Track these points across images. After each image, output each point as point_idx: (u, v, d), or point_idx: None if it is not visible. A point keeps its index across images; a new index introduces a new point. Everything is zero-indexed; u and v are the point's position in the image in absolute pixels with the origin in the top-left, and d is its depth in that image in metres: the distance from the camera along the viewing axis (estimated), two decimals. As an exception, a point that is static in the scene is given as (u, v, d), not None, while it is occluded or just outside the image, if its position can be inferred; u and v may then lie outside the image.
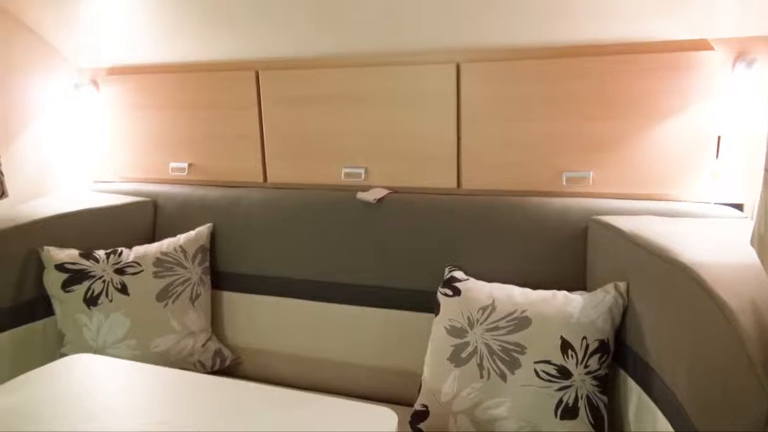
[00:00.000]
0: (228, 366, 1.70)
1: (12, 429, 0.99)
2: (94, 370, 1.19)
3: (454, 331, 1.31)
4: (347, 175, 1.70)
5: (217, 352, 1.67)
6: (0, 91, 1.73)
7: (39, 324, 1.60)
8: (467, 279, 1.41)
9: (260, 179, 1.81)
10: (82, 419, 1.01)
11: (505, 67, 1.51)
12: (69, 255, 1.58)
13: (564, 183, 1.51)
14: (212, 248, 1.75)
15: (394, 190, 1.65)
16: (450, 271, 1.46)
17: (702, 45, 1.35)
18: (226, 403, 1.05)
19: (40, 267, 1.59)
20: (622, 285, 1.21)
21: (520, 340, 1.22)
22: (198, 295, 1.66)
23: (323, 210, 1.65)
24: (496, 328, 1.26)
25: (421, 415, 1.29)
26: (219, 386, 1.12)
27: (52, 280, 1.55)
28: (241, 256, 1.73)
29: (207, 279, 1.71)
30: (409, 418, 1.30)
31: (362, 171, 1.69)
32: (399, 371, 1.57)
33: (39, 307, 1.60)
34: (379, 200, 1.60)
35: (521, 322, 1.24)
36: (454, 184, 1.61)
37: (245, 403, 1.05)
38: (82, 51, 1.89)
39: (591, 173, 1.48)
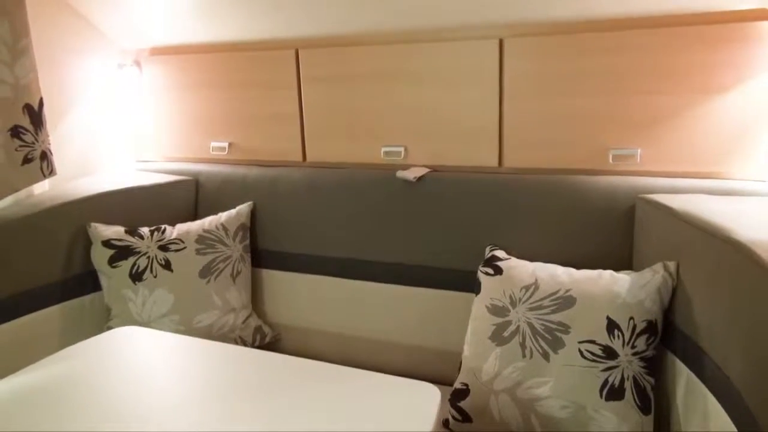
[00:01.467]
0: (267, 343, 1.73)
1: (64, 395, 1.02)
2: (141, 343, 1.22)
3: (496, 310, 1.30)
4: (387, 153, 1.69)
5: (257, 329, 1.69)
6: (48, 72, 1.77)
7: (87, 298, 1.65)
8: (509, 258, 1.39)
9: (299, 158, 1.82)
10: (129, 388, 1.04)
11: (550, 42, 1.47)
12: (115, 231, 1.61)
13: (610, 160, 1.46)
14: (252, 226, 1.77)
15: (434, 169, 1.64)
16: (491, 250, 1.44)
17: (761, 15, 1.29)
18: (269, 376, 1.06)
19: (88, 243, 1.63)
20: (671, 265, 1.17)
21: (564, 319, 1.20)
22: (239, 273, 1.68)
23: (362, 189, 1.65)
24: (540, 307, 1.23)
25: (461, 394, 1.28)
26: (262, 360, 1.13)
27: (99, 256, 1.59)
28: (281, 235, 1.74)
29: (247, 257, 1.73)
30: (448, 397, 1.30)
31: (402, 150, 1.67)
32: (437, 350, 1.56)
33: (87, 281, 1.64)
34: (419, 179, 1.58)
35: (565, 301, 1.21)
36: (495, 163, 1.58)
37: (288, 377, 1.06)
38: (126, 32, 1.92)
39: (639, 150, 1.44)
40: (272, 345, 1.75)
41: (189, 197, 1.86)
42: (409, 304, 1.59)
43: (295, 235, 1.72)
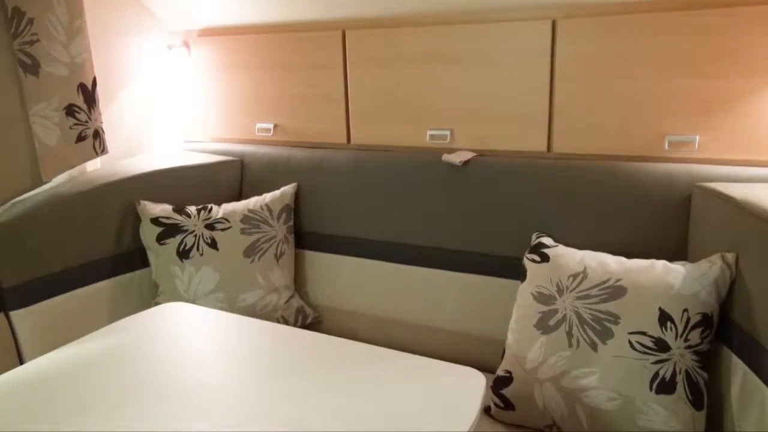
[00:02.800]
0: (309, 323, 1.74)
1: (115, 365, 1.05)
2: (188, 318, 1.24)
3: (542, 298, 1.27)
4: (432, 137, 1.67)
5: (299, 310, 1.71)
6: (100, 53, 1.80)
7: (136, 274, 1.69)
8: (556, 245, 1.36)
9: (344, 140, 1.81)
10: (174, 362, 1.06)
11: (605, 23, 1.41)
12: (163, 210, 1.65)
13: (666, 147, 1.41)
14: (296, 208, 1.78)
15: (480, 153, 1.61)
16: (537, 237, 1.41)
17: (837, -6, 1.21)
18: (313, 355, 1.07)
19: (137, 220, 1.67)
20: (729, 256, 1.12)
21: (614, 309, 1.17)
22: (282, 253, 1.69)
23: (407, 172, 1.63)
24: (588, 297, 1.20)
25: (504, 381, 1.26)
26: (307, 339, 1.13)
27: (148, 233, 1.63)
28: (324, 217, 1.74)
29: (291, 237, 1.74)
30: (491, 384, 1.28)
31: (448, 133, 1.65)
32: (478, 337, 1.54)
33: (136, 258, 1.68)
34: (465, 163, 1.56)
35: (615, 291, 1.18)
36: (544, 147, 1.54)
37: (333, 357, 1.06)
38: (176, 13, 1.94)
39: (697, 137, 1.38)
40: (313, 326, 1.76)
41: (234, 177, 1.88)
42: (451, 289, 1.57)
43: (339, 217, 1.72)
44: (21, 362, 1.47)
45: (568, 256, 1.30)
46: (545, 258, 1.32)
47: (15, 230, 1.44)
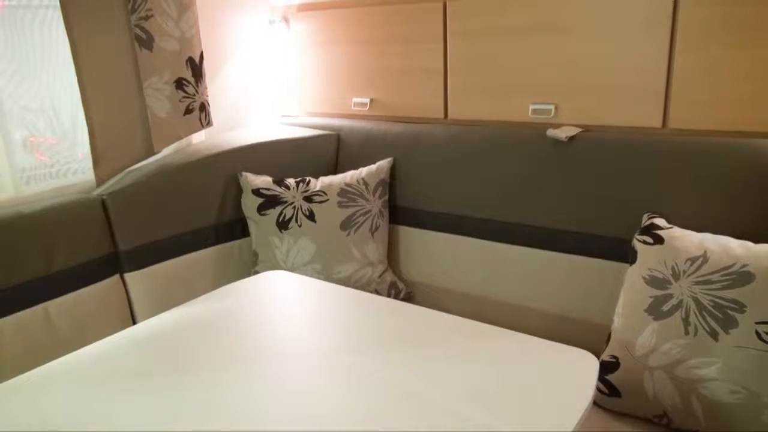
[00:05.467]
0: (401, 299, 1.74)
1: (219, 328, 1.08)
2: (291, 286, 1.27)
3: (655, 282, 1.20)
4: (535, 111, 1.60)
5: (392, 284, 1.71)
6: (206, 28, 1.86)
7: (236, 243, 1.75)
8: (670, 227, 1.27)
9: (441, 115, 1.78)
10: (276, 328, 1.08)
11: (737, -14, 1.29)
12: (264, 181, 1.69)
13: (802, 123, 1.28)
14: (391, 183, 1.77)
15: (587, 129, 1.53)
16: (650, 218, 1.33)
17: None
18: (418, 326, 1.06)
19: (239, 191, 1.72)
20: None
21: (739, 297, 1.08)
22: (377, 227, 1.69)
23: (507, 148, 1.58)
24: (708, 282, 1.12)
25: (609, 366, 1.20)
26: (409, 311, 1.13)
27: (249, 204, 1.68)
28: (420, 192, 1.73)
29: (386, 212, 1.74)
30: (595, 368, 1.23)
31: (552, 107, 1.58)
32: (578, 320, 1.48)
33: (237, 227, 1.74)
34: (571, 138, 1.49)
35: (741, 277, 1.09)
36: (658, 123, 1.45)
37: (438, 329, 1.05)
38: (276, -12, 1.97)
39: (840, 112, 1.24)
40: (405, 301, 1.76)
41: (330, 151, 1.90)
42: (551, 269, 1.52)
43: (435, 193, 1.70)
44: (133, 321, 1.56)
45: (685, 239, 1.21)
46: (659, 240, 1.24)
47: (130, 198, 1.53)
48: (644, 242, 1.27)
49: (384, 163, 1.75)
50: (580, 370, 0.91)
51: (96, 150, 1.57)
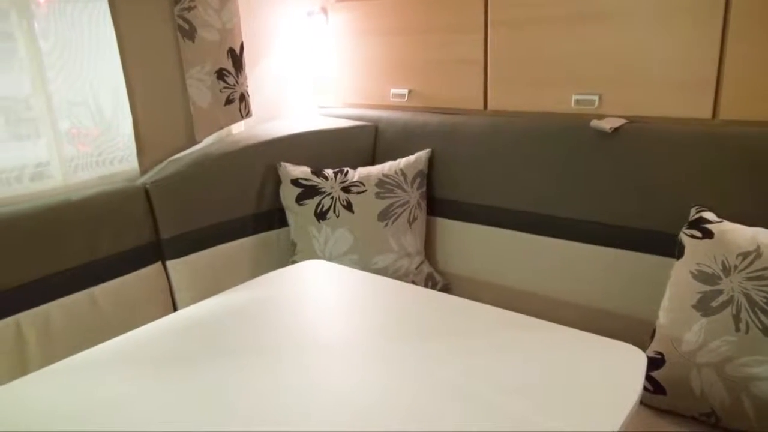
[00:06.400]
0: (438, 291, 1.73)
1: (260, 315, 1.09)
2: (331, 275, 1.27)
3: (704, 277, 1.16)
4: (578, 102, 1.57)
5: (429, 276, 1.70)
6: (246, 18, 1.87)
7: (274, 233, 1.77)
8: (720, 221, 1.23)
9: (480, 106, 1.76)
10: (315, 317, 1.08)
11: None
12: (302, 171, 1.70)
13: None
14: (429, 174, 1.76)
15: (632, 120, 1.49)
16: (698, 212, 1.29)
17: None
18: (459, 317, 1.05)
19: (278, 181, 1.73)
20: None
21: (794, 293, 1.04)
22: (415, 219, 1.69)
23: (549, 139, 1.55)
24: (762, 278, 1.08)
25: (654, 363, 1.18)
26: (449, 301, 1.12)
27: (288, 194, 1.69)
28: (458, 184, 1.71)
29: (423, 203, 1.73)
30: (639, 365, 1.20)
31: (596, 98, 1.54)
32: (619, 315, 1.45)
33: (275, 217, 1.76)
34: (615, 130, 1.45)
35: (797, 273, 1.05)
36: (708, 114, 1.40)
37: (479, 321, 1.04)
38: (316, -22, 1.97)
39: None
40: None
41: (368, 142, 1.90)
42: (593, 263, 1.49)
43: (473, 185, 1.68)
44: (174, 307, 1.59)
45: (737, 233, 1.17)
46: (708, 234, 1.20)
47: (172, 187, 1.55)
48: (692, 236, 1.23)
49: (422, 154, 1.74)
50: (627, 365, 0.89)
51: (140, 139, 1.60)
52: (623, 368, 0.88)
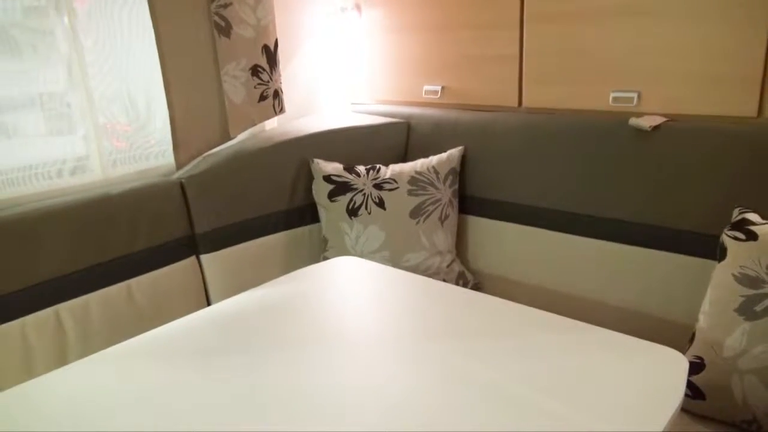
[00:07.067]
0: (469, 289, 1.72)
1: (293, 309, 1.10)
2: (363, 272, 1.27)
3: (747, 281, 1.13)
4: (616, 99, 1.54)
5: (460, 274, 1.69)
6: (280, 15, 1.88)
7: (306, 229, 1.77)
8: (765, 222, 1.19)
9: (515, 103, 1.74)
10: (346, 313, 1.08)
11: None
12: (335, 168, 1.70)
13: None
14: (462, 171, 1.75)
15: (672, 118, 1.45)
16: (741, 213, 1.25)
17: None
18: (493, 316, 1.04)
19: (310, 177, 1.74)
20: None
21: (844, 299, 1.00)
22: (447, 217, 1.68)
23: (585, 136, 1.53)
24: (809, 282, 1.04)
25: (694, 367, 1.14)
26: (483, 300, 1.11)
27: (320, 190, 1.69)
28: (491, 182, 1.69)
29: (455, 201, 1.72)
30: (677, 369, 1.17)
31: (634, 95, 1.51)
32: (656, 317, 1.42)
33: (307, 213, 1.76)
34: (655, 128, 1.42)
35: None
36: (753, 112, 1.36)
37: (514, 320, 1.02)
38: (350, -25, 1.97)
39: None
40: (473, 292, 1.74)
41: (400, 139, 1.89)
42: (629, 264, 1.46)
43: (506, 183, 1.66)
44: (208, 300, 1.61)
45: (783, 235, 1.13)
46: (752, 236, 1.17)
47: (207, 182, 1.57)
48: (735, 238, 1.19)
49: (455, 152, 1.73)
50: (667, 369, 0.86)
51: (176, 134, 1.62)
52: (664, 372, 0.86)
